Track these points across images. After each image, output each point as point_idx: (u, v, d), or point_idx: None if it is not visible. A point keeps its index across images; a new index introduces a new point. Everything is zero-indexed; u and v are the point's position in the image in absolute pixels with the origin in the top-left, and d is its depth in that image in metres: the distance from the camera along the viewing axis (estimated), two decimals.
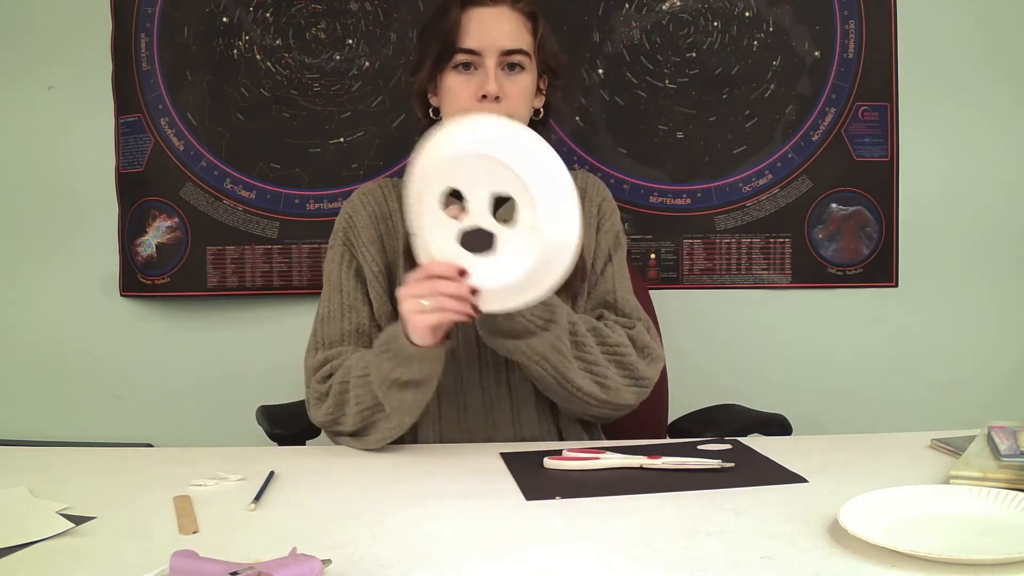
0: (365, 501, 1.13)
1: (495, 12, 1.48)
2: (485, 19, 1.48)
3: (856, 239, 2.26)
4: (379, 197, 1.58)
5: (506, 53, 1.47)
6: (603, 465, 1.24)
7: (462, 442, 1.49)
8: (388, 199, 1.58)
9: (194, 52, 2.23)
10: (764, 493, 1.12)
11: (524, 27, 1.49)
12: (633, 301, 1.58)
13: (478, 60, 1.46)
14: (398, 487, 1.22)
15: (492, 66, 1.46)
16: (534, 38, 1.50)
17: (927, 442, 1.32)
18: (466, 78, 1.47)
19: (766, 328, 2.29)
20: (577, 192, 1.57)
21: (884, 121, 2.23)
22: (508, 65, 1.47)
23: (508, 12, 1.49)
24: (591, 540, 0.97)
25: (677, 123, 2.24)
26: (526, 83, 1.49)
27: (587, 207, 1.58)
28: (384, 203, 1.57)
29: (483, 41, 1.46)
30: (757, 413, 1.73)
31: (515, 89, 1.48)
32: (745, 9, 2.21)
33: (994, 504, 1.00)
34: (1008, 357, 2.29)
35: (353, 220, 1.56)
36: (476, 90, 1.45)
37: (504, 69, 1.47)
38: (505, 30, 1.48)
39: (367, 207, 1.56)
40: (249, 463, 1.30)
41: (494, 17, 1.48)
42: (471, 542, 0.97)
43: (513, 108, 1.47)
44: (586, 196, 1.60)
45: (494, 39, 1.47)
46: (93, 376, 2.32)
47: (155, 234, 2.26)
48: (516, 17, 1.49)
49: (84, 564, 0.93)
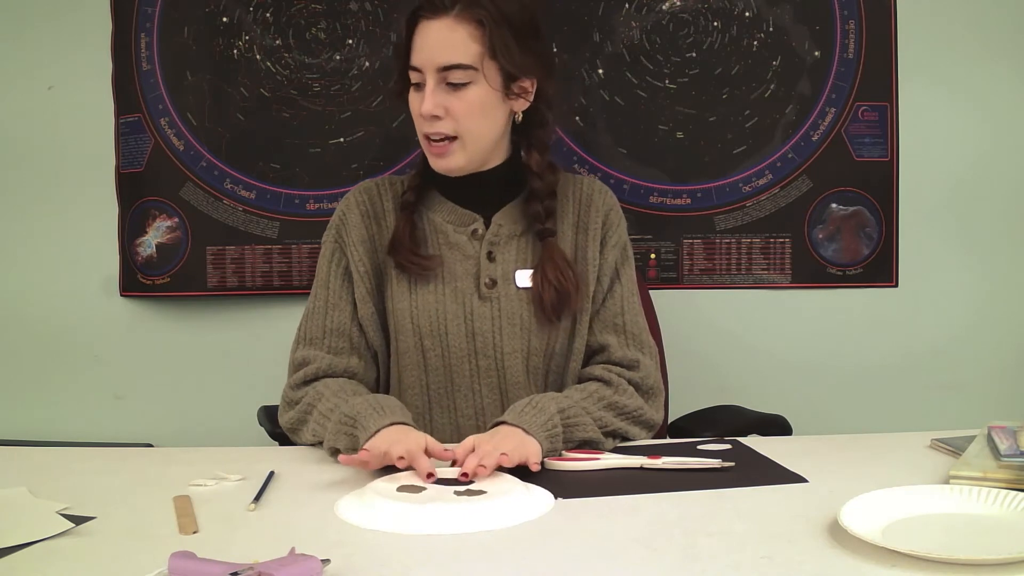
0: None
1: (436, 25, 1.42)
2: (427, 33, 1.42)
3: (856, 239, 2.26)
4: (374, 196, 1.57)
5: (444, 69, 1.41)
6: (603, 465, 1.25)
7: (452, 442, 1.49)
8: (383, 198, 1.57)
9: (194, 52, 2.23)
10: (764, 493, 1.12)
11: (470, 37, 1.41)
12: (642, 322, 1.55)
13: (422, 77, 1.43)
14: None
15: (431, 84, 1.42)
16: (484, 47, 1.42)
17: (927, 442, 1.32)
18: (417, 96, 1.45)
19: (766, 328, 2.29)
20: (580, 197, 1.59)
21: (884, 121, 2.23)
22: (449, 83, 1.42)
23: (451, 23, 1.41)
24: (591, 540, 0.97)
25: (677, 123, 2.24)
26: (472, 97, 1.43)
27: (592, 216, 1.55)
28: (379, 202, 1.56)
29: (423, 58, 1.42)
30: (757, 414, 1.73)
31: (460, 105, 1.43)
32: (745, 9, 2.21)
33: (994, 504, 1.00)
34: (1008, 357, 2.29)
35: (346, 218, 1.55)
36: (420, 109, 1.43)
37: (447, 84, 1.42)
38: (444, 45, 1.41)
39: (361, 206, 1.55)
40: (249, 463, 1.30)
41: (435, 31, 1.42)
42: (471, 542, 0.97)
43: (459, 126, 1.44)
44: (592, 205, 1.56)
45: (431, 55, 1.42)
46: (93, 376, 2.32)
47: (155, 234, 2.26)
48: (461, 28, 1.41)
49: (84, 564, 0.93)
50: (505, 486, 1.11)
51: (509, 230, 1.53)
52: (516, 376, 1.49)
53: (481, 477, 1.16)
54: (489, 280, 1.50)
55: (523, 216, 1.54)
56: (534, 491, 1.12)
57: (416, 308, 1.49)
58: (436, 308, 1.49)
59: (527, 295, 1.50)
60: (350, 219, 1.55)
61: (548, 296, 1.47)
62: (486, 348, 1.48)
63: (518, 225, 1.54)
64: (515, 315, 1.49)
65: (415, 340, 1.49)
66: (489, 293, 1.50)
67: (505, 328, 1.49)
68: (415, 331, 1.49)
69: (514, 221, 1.54)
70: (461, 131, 1.44)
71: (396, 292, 1.51)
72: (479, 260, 1.51)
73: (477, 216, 1.53)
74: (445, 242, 1.52)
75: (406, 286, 1.50)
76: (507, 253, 1.52)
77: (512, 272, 1.51)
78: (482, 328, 1.49)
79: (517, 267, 1.52)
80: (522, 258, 1.52)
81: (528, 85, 1.50)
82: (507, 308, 1.49)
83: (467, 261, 1.51)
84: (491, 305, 1.49)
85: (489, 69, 1.43)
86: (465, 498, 1.07)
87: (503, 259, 1.52)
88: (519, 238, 1.53)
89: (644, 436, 1.47)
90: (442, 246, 1.52)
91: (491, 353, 1.48)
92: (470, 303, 1.49)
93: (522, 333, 1.49)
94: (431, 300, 1.49)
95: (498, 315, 1.49)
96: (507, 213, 1.54)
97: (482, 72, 1.43)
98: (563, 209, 1.56)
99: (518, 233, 1.53)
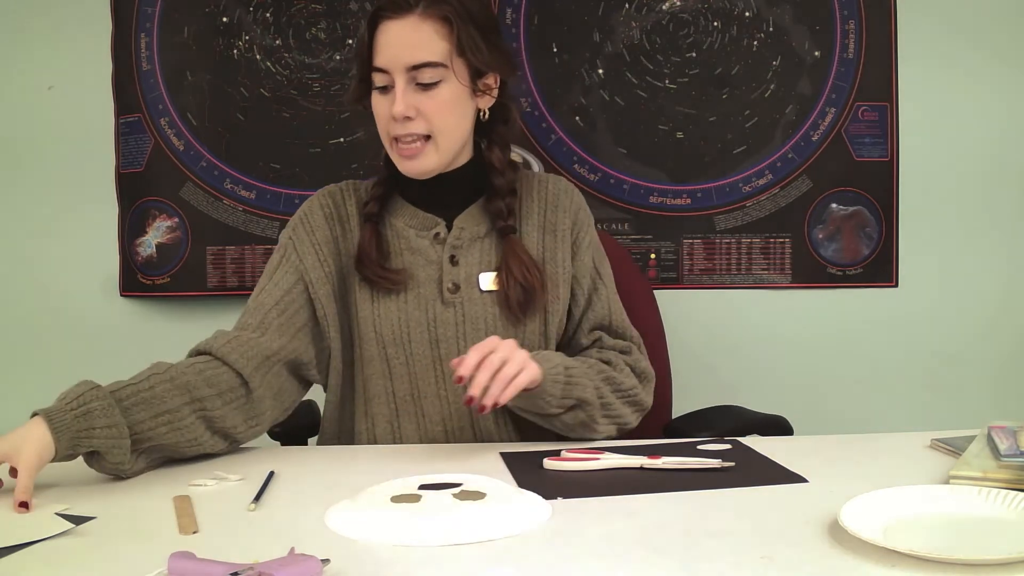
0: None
1: (401, 24, 1.39)
2: (392, 33, 1.40)
3: (856, 239, 2.26)
4: (337, 199, 1.54)
5: (414, 68, 1.39)
6: (603, 465, 1.24)
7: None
8: (347, 202, 1.53)
9: (194, 52, 2.23)
10: (764, 493, 1.12)
11: (437, 35, 1.39)
12: (626, 318, 1.56)
13: (389, 79, 1.41)
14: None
15: (402, 85, 1.39)
16: (451, 44, 1.40)
17: (927, 442, 1.32)
18: (383, 98, 1.42)
19: (766, 328, 2.29)
20: (546, 197, 1.55)
21: (884, 121, 2.23)
22: (419, 83, 1.40)
23: (417, 22, 1.39)
24: (591, 540, 0.97)
25: (677, 123, 2.24)
26: (445, 95, 1.41)
27: (560, 218, 1.53)
28: (343, 206, 1.53)
29: (389, 58, 1.39)
30: (757, 414, 1.72)
31: (431, 104, 1.40)
32: (745, 9, 2.21)
33: (994, 504, 1.00)
34: (1008, 357, 2.29)
35: (308, 219, 1.52)
36: (389, 111, 1.41)
37: (417, 84, 1.40)
38: (412, 44, 1.39)
39: (325, 208, 1.52)
40: (249, 463, 1.30)
41: (400, 30, 1.39)
42: (471, 542, 0.97)
43: (432, 125, 1.41)
44: (559, 206, 1.54)
45: (399, 55, 1.39)
46: (93, 376, 2.30)
47: (155, 234, 2.26)
48: (427, 26, 1.39)
49: (84, 564, 0.93)
50: (502, 493, 1.11)
51: (471, 232, 1.50)
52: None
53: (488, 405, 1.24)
54: (452, 285, 1.47)
55: (485, 217, 1.51)
56: (530, 498, 1.11)
57: (379, 316, 1.46)
58: (399, 316, 1.46)
59: (491, 298, 1.48)
60: (314, 220, 1.51)
61: (514, 294, 1.45)
62: (450, 354, 1.44)
63: (481, 227, 1.51)
64: (479, 319, 1.47)
65: (379, 349, 1.46)
66: (452, 298, 1.47)
67: (469, 333, 1.46)
68: (378, 340, 1.46)
69: (476, 223, 1.51)
70: (434, 130, 1.42)
71: (359, 299, 1.48)
72: (441, 264, 1.48)
73: (439, 219, 1.50)
74: (407, 247, 1.49)
75: (368, 294, 1.47)
76: (470, 256, 1.49)
77: (476, 275, 1.48)
78: (446, 335, 1.46)
79: (481, 270, 1.49)
80: (486, 260, 1.50)
81: (492, 81, 1.47)
82: (471, 312, 1.47)
83: (429, 266, 1.48)
84: (455, 310, 1.47)
85: (458, 66, 1.41)
86: (460, 502, 1.06)
87: (466, 262, 1.49)
88: (482, 240, 1.50)
89: (634, 420, 1.48)
90: (404, 252, 1.49)
91: (455, 358, 1.41)
92: (432, 309, 1.46)
93: (487, 337, 1.41)
94: (393, 308, 1.46)
95: (462, 320, 1.47)
96: (469, 215, 1.51)
97: (452, 69, 1.40)
98: (527, 209, 1.53)
99: (481, 235, 1.50)
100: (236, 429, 1.35)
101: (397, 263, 1.48)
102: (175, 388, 1.29)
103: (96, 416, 1.20)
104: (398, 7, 1.39)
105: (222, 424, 1.33)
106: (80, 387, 1.23)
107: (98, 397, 1.22)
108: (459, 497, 1.06)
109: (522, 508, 1.06)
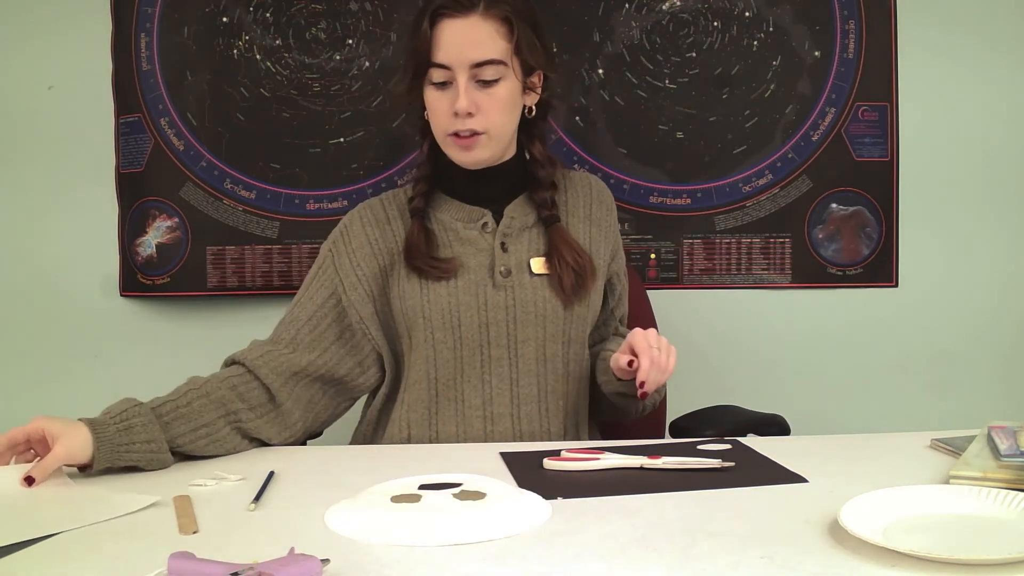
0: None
1: (464, 23, 1.44)
2: (455, 31, 1.44)
3: (856, 239, 2.26)
4: (376, 208, 1.59)
5: (477, 66, 1.44)
6: (603, 465, 1.24)
7: (457, 433, 1.49)
8: (388, 209, 1.59)
9: (194, 52, 2.23)
10: (764, 493, 1.12)
11: (497, 34, 1.45)
12: None
13: (450, 75, 1.45)
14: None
15: (464, 81, 1.44)
16: (510, 43, 1.46)
17: (927, 442, 1.32)
18: (441, 94, 1.46)
19: (766, 328, 2.29)
20: (590, 192, 1.62)
21: (884, 121, 2.23)
22: (479, 80, 1.45)
23: (479, 21, 1.44)
24: (591, 540, 0.97)
25: (677, 123, 2.24)
26: (503, 93, 1.46)
27: (604, 214, 1.62)
28: (382, 212, 1.58)
29: (452, 55, 1.44)
30: (755, 414, 1.72)
31: (490, 101, 1.46)
32: (745, 9, 2.21)
33: (994, 504, 1.00)
34: (1008, 357, 2.29)
35: (347, 229, 1.58)
36: (449, 107, 1.45)
37: (477, 82, 1.45)
38: (475, 42, 1.44)
39: (363, 217, 1.58)
40: (249, 463, 1.30)
41: (464, 28, 1.44)
42: (471, 542, 0.97)
43: (489, 122, 1.46)
44: (602, 202, 1.63)
45: (463, 53, 1.44)
46: (93, 376, 2.32)
47: (155, 234, 2.26)
48: (488, 25, 1.44)
49: (84, 564, 0.93)
50: (502, 493, 1.11)
51: (521, 222, 1.56)
52: (528, 364, 1.51)
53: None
54: (504, 269, 1.52)
55: (531, 207, 1.57)
56: (530, 498, 1.11)
57: (428, 302, 1.50)
58: (448, 301, 1.50)
59: (542, 282, 1.52)
60: (352, 230, 1.57)
61: (568, 278, 1.51)
62: (499, 337, 1.50)
63: (528, 217, 1.57)
64: (530, 303, 1.51)
65: (426, 334, 1.49)
66: (504, 282, 1.51)
67: (520, 316, 1.51)
68: (426, 325, 1.49)
69: (524, 213, 1.57)
70: (489, 127, 1.47)
71: (407, 290, 1.51)
72: (492, 252, 1.53)
73: (485, 211, 1.55)
74: (456, 239, 1.54)
75: (417, 283, 1.51)
76: (519, 243, 1.55)
77: (526, 261, 1.54)
78: (496, 318, 1.50)
79: (530, 256, 1.54)
80: (534, 247, 1.55)
81: (537, 79, 1.54)
82: (522, 296, 1.51)
83: (480, 254, 1.53)
84: (506, 294, 1.51)
85: (515, 64, 1.47)
86: (461, 503, 1.06)
87: (515, 249, 1.54)
88: (530, 229, 1.56)
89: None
90: (453, 243, 1.54)
91: (504, 342, 1.50)
92: (484, 293, 1.50)
93: (537, 320, 1.51)
94: (443, 293, 1.50)
95: (512, 304, 1.51)
96: (517, 205, 1.57)
97: (510, 67, 1.46)
98: (573, 202, 1.60)
99: (529, 224, 1.56)
100: (270, 439, 1.44)
101: (446, 253, 1.53)
102: (211, 403, 1.38)
103: (136, 431, 1.28)
104: (460, 6, 1.44)
105: (256, 435, 1.42)
106: (123, 403, 1.32)
107: (140, 413, 1.30)
108: (459, 497, 1.06)
109: (522, 508, 1.06)
